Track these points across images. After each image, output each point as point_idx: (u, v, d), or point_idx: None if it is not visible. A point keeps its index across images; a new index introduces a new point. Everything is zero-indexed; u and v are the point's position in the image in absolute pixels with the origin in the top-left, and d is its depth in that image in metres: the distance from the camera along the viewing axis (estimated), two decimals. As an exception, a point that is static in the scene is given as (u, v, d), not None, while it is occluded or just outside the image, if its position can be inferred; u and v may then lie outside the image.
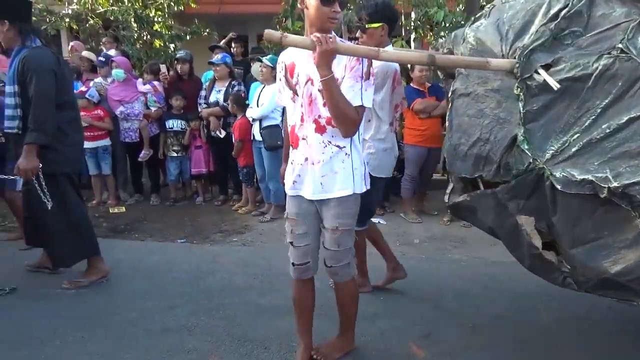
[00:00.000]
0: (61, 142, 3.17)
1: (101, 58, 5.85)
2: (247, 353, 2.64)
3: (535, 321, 2.99)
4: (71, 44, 7.15)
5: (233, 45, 6.84)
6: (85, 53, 6.18)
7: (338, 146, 2.20)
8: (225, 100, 5.36)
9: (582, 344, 2.73)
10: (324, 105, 2.13)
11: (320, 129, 2.18)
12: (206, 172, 5.65)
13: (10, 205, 3.99)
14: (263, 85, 5.05)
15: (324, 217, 2.31)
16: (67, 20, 8.07)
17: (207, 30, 8.46)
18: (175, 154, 5.57)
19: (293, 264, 2.43)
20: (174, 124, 5.52)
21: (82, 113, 5.26)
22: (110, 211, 5.35)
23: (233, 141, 5.24)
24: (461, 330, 2.87)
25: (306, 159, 2.24)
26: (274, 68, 4.97)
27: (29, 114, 3.05)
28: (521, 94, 2.04)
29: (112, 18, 8.01)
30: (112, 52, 6.23)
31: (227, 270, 3.77)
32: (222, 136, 5.32)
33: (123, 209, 5.43)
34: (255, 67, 5.41)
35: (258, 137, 4.95)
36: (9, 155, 3.58)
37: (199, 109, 5.51)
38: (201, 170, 5.61)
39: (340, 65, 2.11)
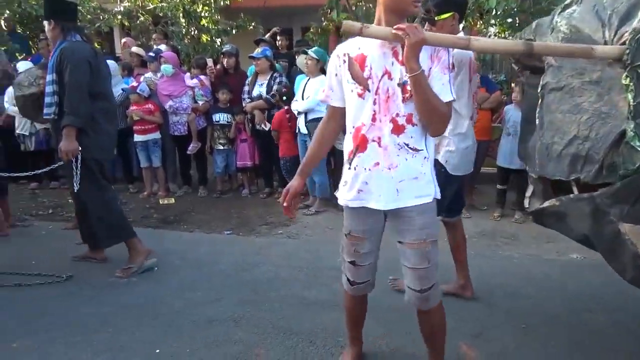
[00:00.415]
0: (93, 129, 3.36)
1: (151, 53, 6.00)
2: (293, 346, 2.63)
3: (590, 323, 2.83)
4: (123, 40, 7.40)
5: (278, 38, 6.85)
6: (134, 49, 6.37)
7: (415, 148, 1.92)
8: (268, 92, 5.38)
9: (638, 349, 2.55)
10: (404, 101, 1.87)
11: (397, 129, 1.90)
12: (251, 165, 5.70)
13: None
14: (308, 78, 5.02)
15: (403, 231, 2.00)
16: (119, 17, 8.34)
17: (253, 24, 8.52)
18: (221, 147, 5.64)
19: (352, 281, 2.18)
20: (220, 117, 5.59)
21: (133, 107, 5.48)
22: (160, 202, 5.50)
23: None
24: (513, 330, 2.75)
25: (376, 164, 1.93)
26: (319, 60, 4.94)
27: (64, 101, 3.28)
28: (631, 83, 1.81)
29: (161, 14, 8.21)
30: (162, 47, 6.38)
31: (272, 262, 3.78)
32: (266, 129, 5.35)
33: (172, 201, 5.56)
34: (301, 60, 5.40)
35: (303, 130, 4.94)
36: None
37: (243, 104, 5.55)
38: (246, 164, 5.67)
39: (425, 56, 1.85)
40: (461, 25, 2.97)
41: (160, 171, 5.74)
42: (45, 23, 3.46)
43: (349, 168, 2.02)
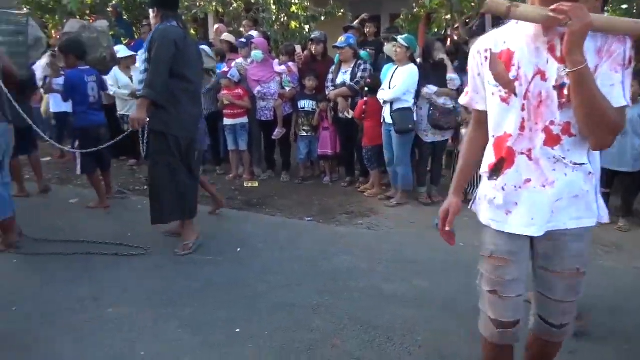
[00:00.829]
0: (174, 106, 3.51)
1: (242, 40, 6.15)
2: (370, 340, 2.59)
3: None
4: (216, 26, 7.66)
5: (366, 25, 6.74)
6: (225, 35, 6.56)
7: (575, 162, 1.57)
8: (352, 80, 5.31)
9: None
10: (561, 107, 1.51)
11: (551, 140, 1.55)
12: (332, 154, 5.68)
13: None
14: (396, 66, 4.89)
15: (552, 257, 1.67)
16: (214, 4, 8.64)
17: (342, 10, 8.46)
18: (305, 134, 5.68)
19: (495, 320, 1.73)
20: (305, 104, 5.62)
21: (224, 92, 5.65)
22: (245, 185, 5.67)
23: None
24: (613, 351, 2.51)
25: (528, 181, 1.60)
26: (408, 48, 4.78)
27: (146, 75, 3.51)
28: None
29: (253, 1, 8.39)
30: (253, 33, 6.52)
31: (352, 252, 3.75)
32: (349, 117, 5.29)
33: (256, 184, 5.71)
34: (389, 47, 5.27)
35: (388, 120, 4.83)
36: None
37: (326, 91, 5.53)
38: (326, 152, 5.65)
39: (591, 49, 1.46)
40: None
41: (246, 155, 5.90)
42: (150, 11, 3.69)
43: (493, 183, 1.69)
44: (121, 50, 6.07)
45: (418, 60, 5.05)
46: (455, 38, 5.98)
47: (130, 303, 2.94)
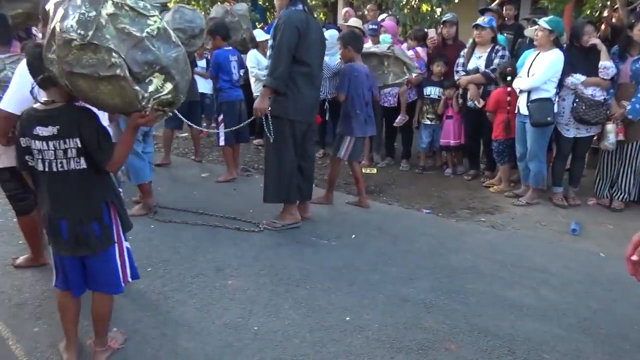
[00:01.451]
0: (292, 91, 3.57)
1: (373, 26, 6.02)
2: (488, 350, 2.39)
3: None
4: (344, 10, 7.64)
5: (505, 8, 6.22)
6: (352, 21, 6.48)
7: None
8: (487, 67, 4.93)
9: None
10: None
11: None
12: (454, 144, 5.37)
13: None
14: (538, 52, 4.43)
15: None
16: (344, -13, 8.64)
17: (478, -8, 7.93)
18: (428, 122, 5.45)
19: None
20: (431, 91, 5.37)
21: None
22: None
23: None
24: None
25: None
26: (552, 31, 4.29)
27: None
28: None
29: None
30: (383, 16, 6.38)
31: (472, 251, 3.52)
32: (480, 106, 4.94)
33: (374, 171, 5.64)
34: (530, 30, 4.80)
35: (523, 111, 4.42)
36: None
37: (455, 77, 5.21)
38: (448, 142, 5.36)
39: None
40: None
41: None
42: None
43: None
44: (258, 34, 6.33)
45: (564, 45, 4.52)
46: (614, 21, 5.25)
47: (248, 278, 3.07)
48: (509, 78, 4.62)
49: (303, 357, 2.33)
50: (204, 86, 6.42)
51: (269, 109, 3.59)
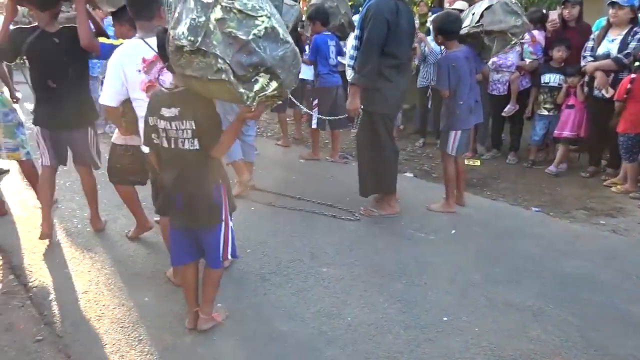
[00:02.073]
0: (383, 84, 3.48)
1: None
2: (607, 371, 2.14)
3: None
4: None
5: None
6: (458, 4, 6.09)
7: None
8: (620, 51, 4.38)
9: None
10: None
11: None
12: (571, 136, 4.86)
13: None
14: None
15: None
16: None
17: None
18: (545, 112, 4.99)
19: None
20: (550, 78, 4.91)
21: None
22: (465, 162, 5.33)
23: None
24: None
25: None
26: None
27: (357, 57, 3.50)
28: None
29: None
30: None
31: (588, 257, 3.18)
32: (608, 96, 4.42)
33: (478, 163, 5.33)
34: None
35: (660, 101, 3.88)
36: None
37: (582, 63, 4.70)
38: (562, 133, 4.85)
39: None
40: None
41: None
42: None
43: None
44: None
45: None
46: None
47: (342, 267, 3.04)
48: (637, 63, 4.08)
49: (397, 355, 2.26)
50: (306, 72, 6.47)
51: (362, 106, 3.54)
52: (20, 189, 4.26)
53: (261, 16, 1.80)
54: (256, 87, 1.83)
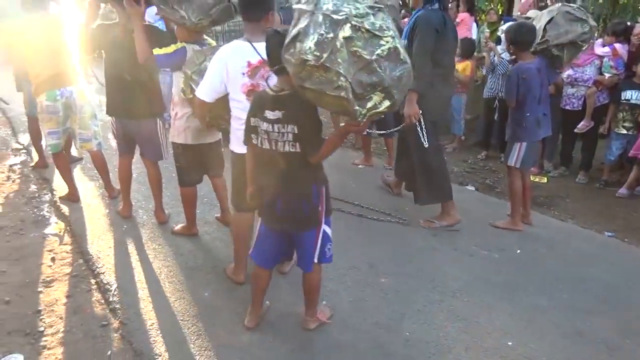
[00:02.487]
0: (431, 93, 3.48)
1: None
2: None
3: None
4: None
5: None
6: (531, 13, 5.83)
7: None
8: None
9: None
10: None
11: None
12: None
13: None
14: None
15: None
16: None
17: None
18: (624, 131, 4.69)
19: None
20: (632, 95, 4.60)
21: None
22: (531, 178, 5.09)
23: None
24: None
25: None
26: None
27: None
28: None
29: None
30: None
31: (669, 290, 2.95)
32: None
33: (545, 180, 5.08)
34: None
35: None
36: None
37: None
38: (637, 154, 4.51)
39: None
40: None
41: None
42: None
43: None
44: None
45: None
46: None
47: (400, 278, 2.97)
48: None
49: (457, 377, 2.17)
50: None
51: (420, 112, 3.49)
52: (91, 177, 4.46)
53: (387, 36, 1.78)
54: (369, 104, 1.82)
